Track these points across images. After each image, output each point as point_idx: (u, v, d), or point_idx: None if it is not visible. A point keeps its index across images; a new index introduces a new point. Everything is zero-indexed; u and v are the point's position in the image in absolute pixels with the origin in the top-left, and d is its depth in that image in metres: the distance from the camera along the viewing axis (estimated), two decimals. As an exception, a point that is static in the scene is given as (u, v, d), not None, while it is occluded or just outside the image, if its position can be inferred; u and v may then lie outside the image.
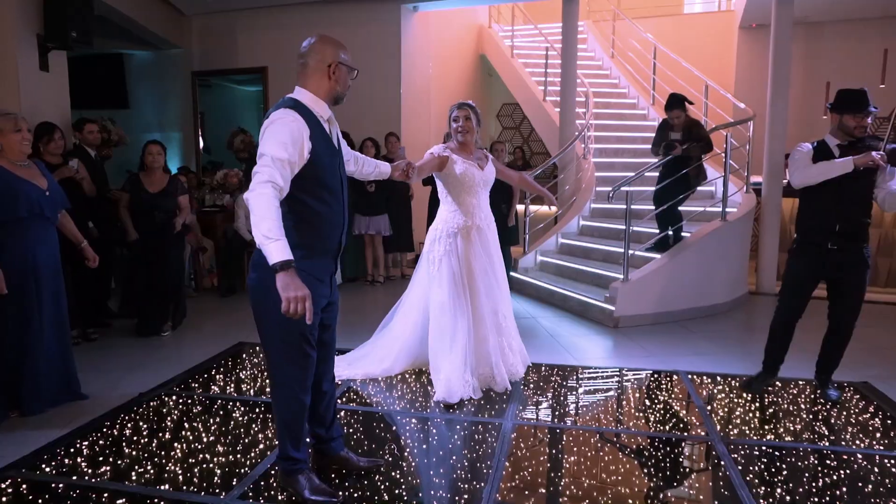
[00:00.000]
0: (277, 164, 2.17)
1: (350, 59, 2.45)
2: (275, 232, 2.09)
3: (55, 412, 3.41)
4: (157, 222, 4.77)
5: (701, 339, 4.99)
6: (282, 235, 2.11)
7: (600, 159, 7.79)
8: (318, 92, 2.38)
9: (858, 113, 3.35)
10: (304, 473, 2.53)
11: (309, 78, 2.37)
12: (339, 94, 2.44)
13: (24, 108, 4.53)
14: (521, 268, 6.80)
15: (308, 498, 2.48)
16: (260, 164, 2.18)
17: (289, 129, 2.21)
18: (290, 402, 2.44)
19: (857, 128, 3.37)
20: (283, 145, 2.19)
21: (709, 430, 3.23)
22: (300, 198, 2.29)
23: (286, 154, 2.19)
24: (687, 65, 8.31)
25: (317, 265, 2.37)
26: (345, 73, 2.42)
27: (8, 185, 3.15)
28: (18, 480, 2.66)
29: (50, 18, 4.63)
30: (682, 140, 5.59)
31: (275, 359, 2.42)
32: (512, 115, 11.82)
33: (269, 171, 2.15)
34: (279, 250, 2.09)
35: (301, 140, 2.23)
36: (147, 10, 7.24)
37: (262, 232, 2.09)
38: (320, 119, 2.36)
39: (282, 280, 2.10)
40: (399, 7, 7.65)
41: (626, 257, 5.34)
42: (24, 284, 3.23)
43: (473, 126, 3.70)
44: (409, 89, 7.98)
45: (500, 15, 10.76)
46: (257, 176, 2.17)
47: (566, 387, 3.90)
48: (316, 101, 2.37)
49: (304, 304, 2.11)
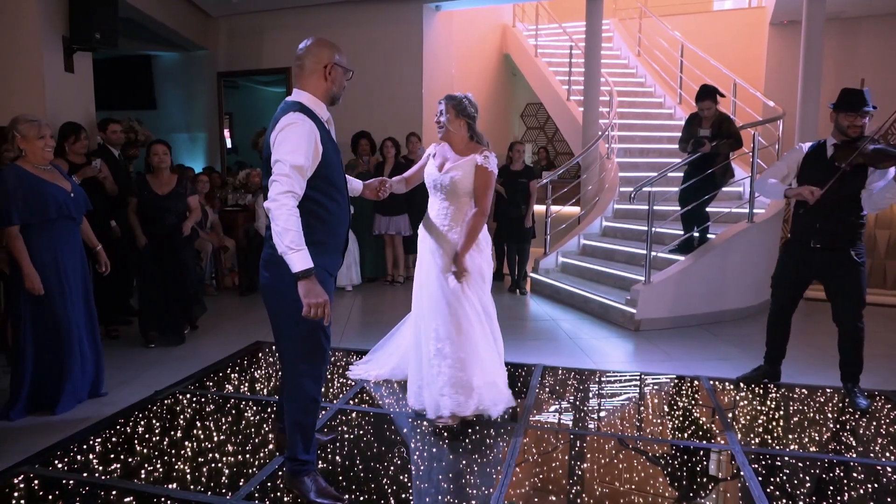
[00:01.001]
0: (295, 172, 2.22)
1: (345, 60, 2.47)
2: (297, 242, 2.18)
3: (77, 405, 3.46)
4: (168, 225, 4.56)
5: (725, 343, 4.85)
6: (304, 245, 2.19)
7: (625, 159, 7.66)
8: (315, 93, 2.40)
9: (850, 112, 3.38)
10: (310, 475, 2.52)
11: (306, 80, 2.40)
12: (335, 94, 2.46)
13: (50, 109, 4.61)
14: (541, 269, 6.71)
15: (314, 500, 2.46)
16: (278, 173, 2.21)
17: (303, 133, 2.25)
18: (305, 399, 2.45)
19: (850, 127, 3.41)
20: (299, 152, 2.23)
21: (729, 439, 3.12)
22: (314, 196, 2.33)
23: (302, 160, 2.23)
24: (715, 63, 8.12)
25: (329, 261, 2.43)
26: (340, 73, 2.45)
27: (37, 188, 3.23)
28: (31, 476, 2.68)
29: (75, 21, 4.71)
30: (712, 137, 5.40)
31: (290, 355, 2.45)
32: (536, 114, 11.71)
33: (288, 182, 2.20)
34: (302, 260, 2.18)
35: (314, 143, 2.28)
36: (174, 12, 7.34)
37: (286, 243, 2.17)
38: (322, 120, 2.39)
39: (304, 287, 2.20)
40: (421, 7, 7.63)
41: (648, 259, 5.23)
42: (54, 285, 3.30)
43: (444, 119, 3.22)
44: (431, 89, 7.94)
45: (525, 14, 10.67)
46: (276, 185, 2.20)
47: (582, 391, 3.82)
48: (316, 103, 2.39)
49: (324, 309, 2.23)
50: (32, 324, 3.29)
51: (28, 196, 3.18)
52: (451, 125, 3.22)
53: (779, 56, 8.84)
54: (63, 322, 3.35)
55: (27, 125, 3.23)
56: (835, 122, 3.48)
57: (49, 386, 3.37)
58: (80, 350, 3.45)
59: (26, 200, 3.17)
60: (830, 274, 3.56)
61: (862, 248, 3.50)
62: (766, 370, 3.87)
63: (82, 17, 4.69)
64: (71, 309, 3.38)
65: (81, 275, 3.46)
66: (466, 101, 3.24)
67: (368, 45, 7.69)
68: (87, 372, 3.52)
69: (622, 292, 5.48)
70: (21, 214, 3.18)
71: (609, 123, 7.27)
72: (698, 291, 5.37)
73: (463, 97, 3.24)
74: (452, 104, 3.23)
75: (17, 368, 3.32)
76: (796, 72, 6.49)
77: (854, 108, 3.37)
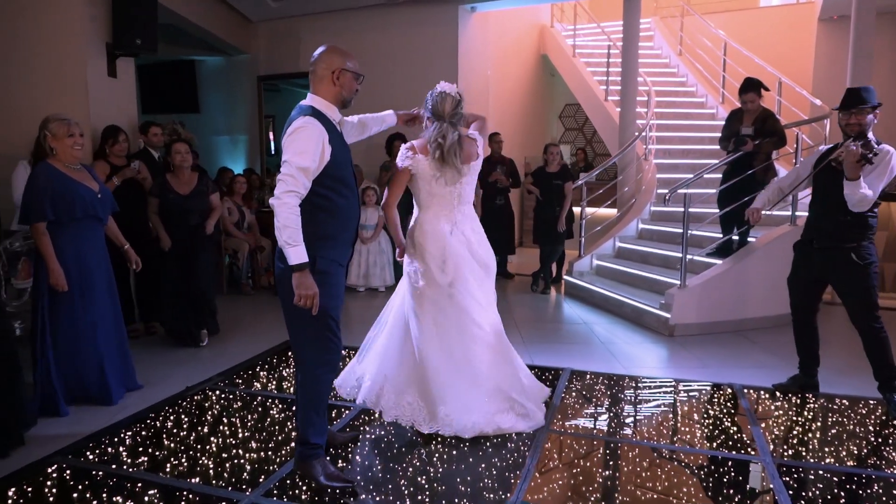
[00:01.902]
0: (300, 173, 2.38)
1: (355, 65, 2.59)
2: (294, 238, 2.36)
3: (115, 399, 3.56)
4: (192, 225, 4.52)
5: (763, 351, 4.69)
6: (300, 241, 2.37)
7: (663, 160, 7.49)
8: (326, 97, 2.56)
9: (844, 111, 3.39)
10: (319, 459, 2.63)
11: (318, 85, 2.55)
12: (345, 98, 2.60)
13: (93, 113, 4.79)
14: (575, 272, 6.63)
15: (324, 483, 2.57)
16: (284, 172, 2.38)
17: (311, 137, 2.40)
18: (317, 383, 2.58)
19: (848, 126, 3.38)
20: (305, 154, 2.39)
21: (760, 450, 3.01)
22: (324, 193, 2.48)
23: (308, 162, 2.39)
24: (760, 61, 7.87)
25: (340, 252, 2.59)
26: (349, 78, 2.57)
27: (66, 187, 3.30)
28: (63, 466, 2.78)
29: (118, 27, 4.87)
30: (754, 134, 5.19)
31: (302, 342, 2.59)
32: (575, 115, 11.57)
33: (292, 181, 2.37)
34: (297, 254, 2.37)
35: (322, 146, 2.43)
36: (216, 18, 7.53)
37: (284, 238, 2.37)
38: (334, 122, 2.55)
39: (297, 279, 2.40)
40: (457, 8, 7.62)
41: (683, 262, 5.10)
42: (76, 283, 3.36)
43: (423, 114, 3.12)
44: (467, 91, 7.81)
45: (563, 14, 10.55)
46: (281, 184, 2.38)
47: (609, 396, 3.74)
48: (328, 107, 2.55)
49: (313, 300, 2.42)
50: (52, 319, 3.34)
51: (56, 195, 3.24)
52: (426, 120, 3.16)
53: (827, 53, 8.52)
54: (82, 319, 3.40)
55: (57, 123, 3.29)
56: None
57: (70, 381, 3.43)
58: (105, 347, 3.51)
59: (54, 199, 3.24)
60: (832, 275, 3.53)
61: (867, 248, 3.40)
62: (802, 379, 3.74)
63: (124, 23, 4.85)
64: (92, 306, 3.44)
65: (105, 273, 3.52)
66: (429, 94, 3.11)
67: (403, 48, 7.73)
68: (114, 368, 3.58)
69: (657, 296, 5.36)
70: (49, 212, 3.24)
71: (646, 124, 7.12)
72: (736, 296, 5.20)
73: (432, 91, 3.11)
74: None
75: (38, 363, 3.37)
76: (845, 69, 6.23)
77: (844, 106, 3.38)
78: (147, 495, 2.55)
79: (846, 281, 3.46)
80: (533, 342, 4.88)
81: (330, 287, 2.52)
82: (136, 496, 2.54)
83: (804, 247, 3.65)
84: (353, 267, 6.71)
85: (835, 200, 3.36)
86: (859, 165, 3.17)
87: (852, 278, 3.42)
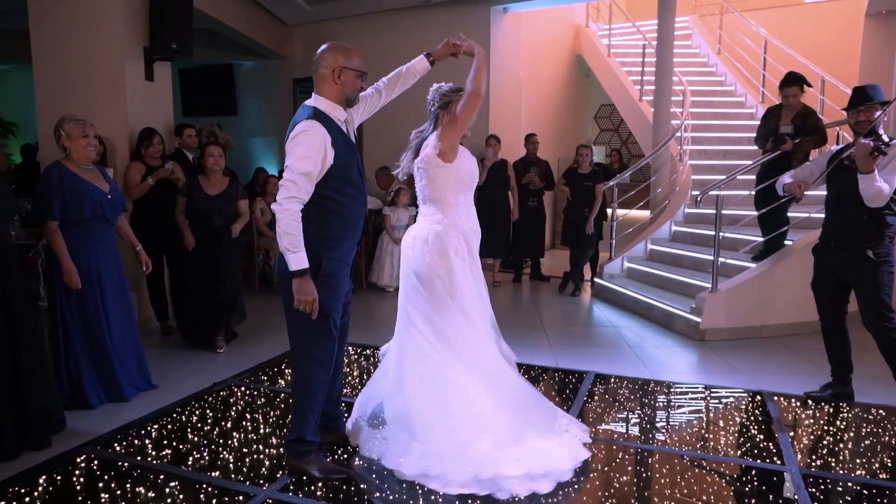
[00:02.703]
0: (302, 178, 2.38)
1: (357, 63, 2.53)
2: (295, 245, 2.37)
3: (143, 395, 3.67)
4: (217, 226, 4.46)
5: (798, 358, 4.54)
6: (301, 247, 2.38)
7: (699, 161, 7.33)
8: (330, 97, 2.52)
9: (851, 109, 3.35)
10: (315, 454, 2.66)
11: (321, 84, 2.52)
12: (348, 97, 2.55)
13: (131, 115, 4.94)
14: (606, 274, 6.54)
15: (319, 477, 2.61)
16: (286, 178, 2.39)
17: (312, 141, 2.39)
18: (313, 382, 2.59)
19: (857, 124, 3.30)
20: (307, 159, 2.38)
21: (786, 459, 2.92)
22: (330, 195, 2.48)
23: (310, 167, 2.39)
24: (802, 59, 7.63)
25: (345, 251, 2.60)
26: (351, 77, 2.51)
27: (76, 187, 3.34)
28: (91, 457, 2.88)
29: (155, 32, 5.02)
30: (794, 133, 5.01)
31: (301, 340, 2.59)
32: (610, 116, 11.42)
33: (294, 188, 2.38)
34: (298, 260, 2.38)
35: (324, 150, 2.41)
36: (253, 22, 7.69)
37: (285, 244, 2.38)
38: (338, 122, 2.50)
39: (297, 284, 2.40)
40: (489, 9, 7.62)
41: (714, 265, 4.98)
42: (87, 282, 3.41)
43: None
44: (498, 91, 7.91)
45: (599, 14, 10.43)
46: (283, 190, 2.38)
47: (632, 401, 3.68)
48: (332, 106, 2.51)
49: (312, 306, 2.42)
50: (65, 318, 3.40)
51: (66, 194, 3.30)
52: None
53: (875, 50, 8.20)
54: (94, 318, 3.45)
55: (72, 124, 3.35)
56: None
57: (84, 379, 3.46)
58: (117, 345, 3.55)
59: (64, 198, 3.29)
60: (849, 275, 3.41)
61: (886, 247, 3.28)
62: (835, 387, 3.61)
63: (161, 28, 4.99)
64: (102, 306, 3.47)
65: (116, 273, 3.56)
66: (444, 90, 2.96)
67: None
68: (128, 367, 3.63)
69: (688, 300, 5.25)
70: (58, 211, 3.29)
71: (681, 124, 6.98)
72: (772, 301, 5.05)
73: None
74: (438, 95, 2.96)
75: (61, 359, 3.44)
76: (893, 65, 6.00)
77: (852, 104, 3.35)
78: (168, 487, 2.61)
79: (859, 278, 3.36)
80: (559, 345, 4.84)
81: (332, 289, 2.53)
82: (157, 488, 2.61)
83: (822, 249, 3.56)
84: (386, 268, 6.77)
85: (851, 200, 3.27)
86: (873, 158, 3.10)
87: (865, 275, 3.32)
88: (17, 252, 3.14)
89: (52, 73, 4.95)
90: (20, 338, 2.95)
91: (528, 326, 5.39)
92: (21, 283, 3.01)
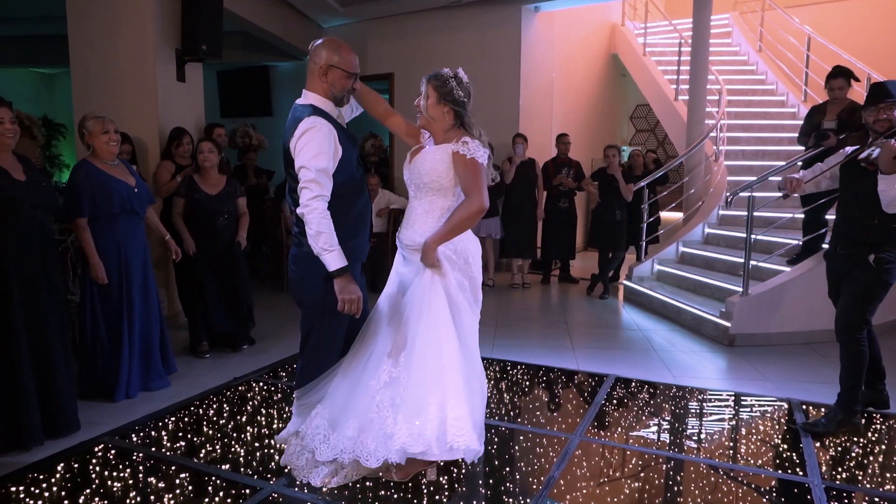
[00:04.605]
0: (322, 175, 2.31)
1: (348, 62, 2.43)
2: (331, 244, 2.30)
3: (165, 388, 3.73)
4: (220, 228, 4.28)
5: (833, 366, 4.33)
6: (337, 245, 2.31)
7: (736, 162, 7.12)
8: (318, 93, 2.44)
9: (870, 107, 3.15)
10: None
11: (311, 80, 2.46)
12: (335, 96, 2.47)
13: (162, 116, 5.07)
14: (635, 277, 6.40)
15: None
16: (305, 179, 2.31)
17: (322, 137, 2.33)
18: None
19: (876, 122, 3.14)
20: (321, 156, 2.32)
21: (809, 470, 2.79)
22: (338, 192, 2.41)
23: (325, 163, 2.33)
24: (848, 56, 7.34)
25: (357, 246, 2.54)
26: (339, 76, 2.43)
27: (103, 183, 3.43)
28: (108, 446, 2.95)
29: (187, 34, 5.14)
30: (838, 129, 4.79)
31: (315, 342, 2.59)
32: (646, 116, 11.22)
33: (316, 186, 2.30)
34: (336, 259, 2.31)
35: (334, 144, 2.37)
36: (287, 24, 7.79)
37: (320, 245, 2.30)
38: (334, 117, 2.45)
39: (339, 284, 2.34)
40: (520, 9, 7.56)
41: (745, 268, 4.82)
42: (115, 276, 3.50)
43: (423, 104, 2.56)
44: (530, 91, 7.85)
45: (636, 13, 10.25)
46: (306, 192, 2.30)
47: (652, 406, 3.58)
48: (324, 102, 2.45)
49: (357, 305, 2.37)
50: (93, 312, 3.49)
51: (94, 191, 3.39)
52: (432, 111, 2.53)
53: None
54: (119, 312, 3.52)
55: (93, 121, 3.44)
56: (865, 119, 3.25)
57: (109, 371, 3.54)
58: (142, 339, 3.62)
59: (93, 195, 3.39)
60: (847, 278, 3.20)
61: (891, 256, 3.06)
62: (867, 394, 3.41)
63: (192, 30, 5.10)
64: (128, 300, 3.54)
65: (142, 267, 3.63)
66: (454, 83, 2.49)
67: (466, 50, 7.74)
68: (152, 360, 3.69)
69: (717, 304, 5.10)
70: (88, 208, 3.38)
71: (716, 123, 6.79)
72: (806, 306, 4.86)
73: (451, 76, 2.50)
74: (435, 85, 2.50)
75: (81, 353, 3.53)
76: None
77: (871, 101, 3.16)
78: (178, 478, 2.66)
79: (852, 280, 3.16)
80: (582, 347, 4.75)
81: None
82: (168, 478, 2.66)
83: (830, 255, 3.38)
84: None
85: (863, 202, 3.08)
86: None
87: (858, 279, 3.12)
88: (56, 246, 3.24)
89: (88, 75, 5.12)
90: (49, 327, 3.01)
91: (553, 328, 5.31)
92: (59, 276, 3.12)
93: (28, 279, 2.92)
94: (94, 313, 3.51)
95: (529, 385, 3.91)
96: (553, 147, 7.35)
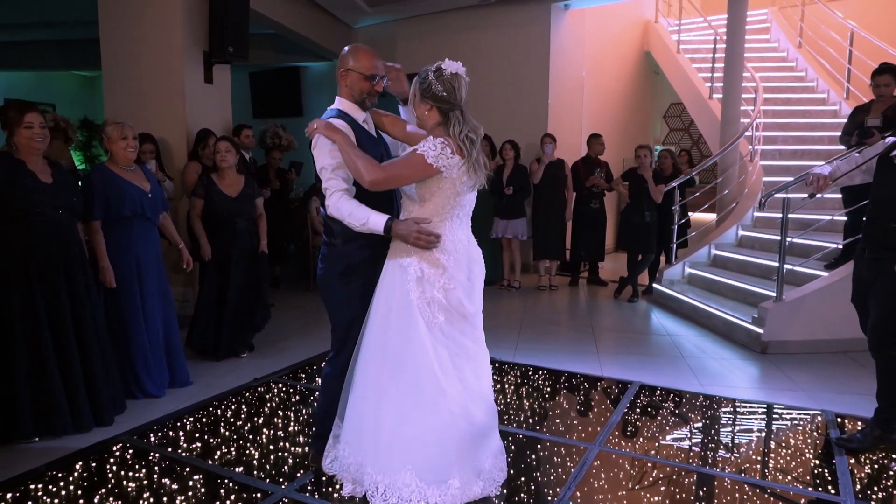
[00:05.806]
0: (338, 172, 2.39)
1: (367, 66, 2.48)
2: (364, 215, 2.33)
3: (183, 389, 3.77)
4: (239, 231, 4.19)
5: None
6: (370, 211, 2.33)
7: (773, 162, 6.88)
8: (345, 97, 2.54)
9: None
10: None
11: (338, 86, 2.56)
12: (356, 100, 2.54)
13: (190, 117, 5.13)
14: (665, 280, 6.25)
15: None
16: (325, 179, 2.41)
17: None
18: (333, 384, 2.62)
19: None
20: (336, 152, 2.38)
21: (842, 489, 2.66)
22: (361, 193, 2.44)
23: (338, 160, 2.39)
24: (894, 51, 7.04)
25: (376, 245, 2.51)
26: (355, 79, 2.50)
27: (116, 187, 3.45)
28: (126, 445, 2.98)
29: (214, 36, 5.20)
30: (883, 126, 4.58)
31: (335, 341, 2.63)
32: (681, 115, 10.98)
33: (335, 183, 2.38)
34: (377, 221, 2.33)
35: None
36: (318, 26, 7.85)
37: (359, 221, 2.34)
38: (358, 121, 2.52)
39: (398, 230, 2.32)
40: (549, 7, 7.46)
41: (780, 272, 4.64)
42: (128, 280, 3.52)
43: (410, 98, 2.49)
44: (559, 90, 7.73)
45: (670, 9, 10.02)
46: (329, 191, 2.40)
47: (677, 415, 3.47)
48: (350, 107, 2.54)
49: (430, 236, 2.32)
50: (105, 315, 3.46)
51: (109, 194, 3.42)
52: (416, 110, 2.42)
53: (978, 40, 7.48)
54: (133, 315, 3.53)
55: (112, 127, 3.49)
56: None
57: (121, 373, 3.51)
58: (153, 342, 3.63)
59: (107, 198, 3.41)
60: (871, 290, 2.96)
61: None
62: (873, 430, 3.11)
63: (219, 33, 5.16)
64: (141, 303, 3.56)
65: (156, 272, 3.65)
66: (433, 76, 2.33)
67: (494, 49, 7.68)
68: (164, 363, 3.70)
69: (750, 309, 4.92)
70: (101, 210, 3.40)
71: (751, 122, 6.58)
72: (844, 313, 4.58)
73: (431, 69, 2.36)
74: (417, 81, 2.38)
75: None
76: None
77: None
78: (192, 480, 2.67)
79: (877, 294, 2.91)
80: (607, 352, 4.64)
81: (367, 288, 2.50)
82: (181, 479, 2.67)
83: (857, 258, 3.16)
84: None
85: (889, 202, 2.89)
86: None
87: (885, 293, 2.88)
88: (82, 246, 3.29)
89: (118, 77, 5.23)
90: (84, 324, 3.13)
91: (578, 332, 5.21)
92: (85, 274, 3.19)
93: (48, 278, 3.00)
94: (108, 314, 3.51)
95: (550, 391, 3.83)
96: (583, 147, 7.21)
